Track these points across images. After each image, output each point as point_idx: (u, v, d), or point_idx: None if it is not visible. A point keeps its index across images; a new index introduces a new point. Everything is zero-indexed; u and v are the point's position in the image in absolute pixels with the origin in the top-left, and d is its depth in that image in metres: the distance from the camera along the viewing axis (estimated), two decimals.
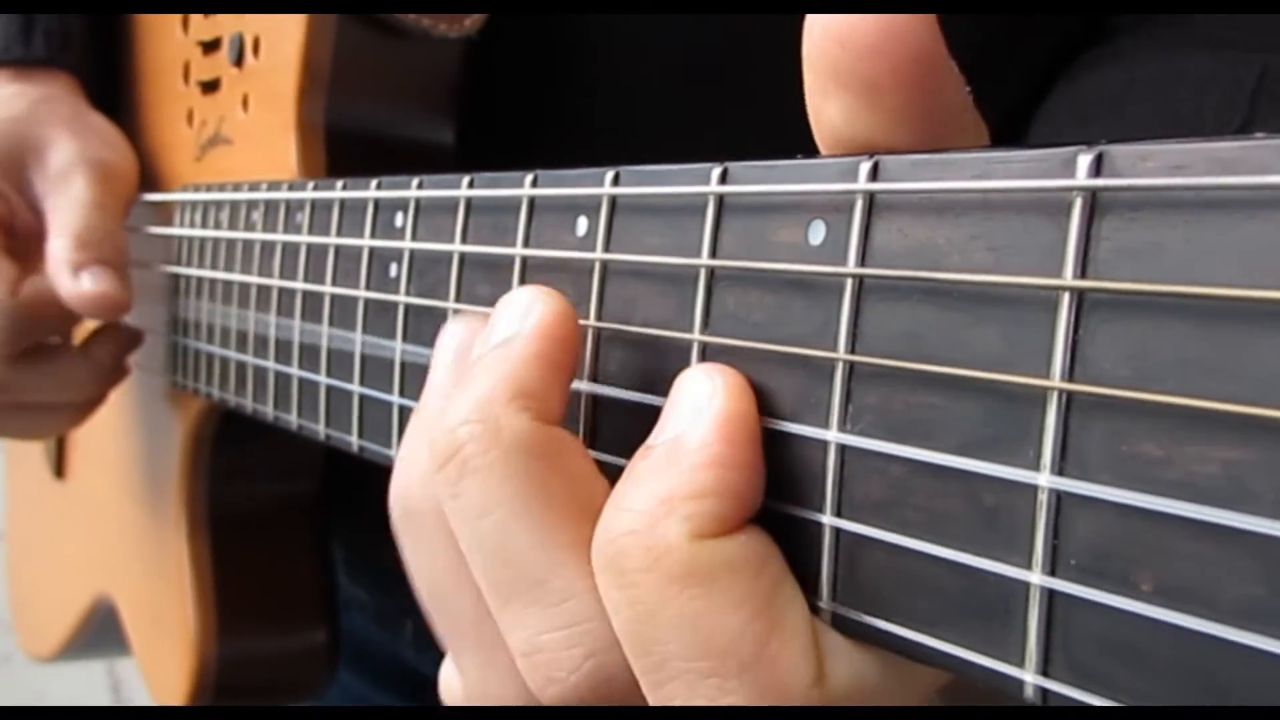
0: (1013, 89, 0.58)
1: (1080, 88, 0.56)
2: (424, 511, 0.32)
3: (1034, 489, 0.21)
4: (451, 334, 0.34)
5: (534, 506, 0.28)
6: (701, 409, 0.26)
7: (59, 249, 0.61)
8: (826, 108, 0.25)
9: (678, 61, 0.58)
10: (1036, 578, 0.21)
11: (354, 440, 0.45)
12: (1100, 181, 0.20)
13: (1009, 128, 0.56)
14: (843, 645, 0.26)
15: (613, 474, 0.28)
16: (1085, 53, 0.57)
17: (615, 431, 0.32)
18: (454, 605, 0.33)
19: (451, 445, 0.29)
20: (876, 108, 0.24)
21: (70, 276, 0.60)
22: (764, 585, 0.25)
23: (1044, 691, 0.21)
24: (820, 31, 0.25)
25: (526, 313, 0.30)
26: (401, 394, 0.42)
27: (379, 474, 0.43)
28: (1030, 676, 0.21)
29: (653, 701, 0.27)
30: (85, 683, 2.06)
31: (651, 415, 0.28)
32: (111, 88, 0.74)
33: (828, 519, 0.25)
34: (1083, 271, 0.20)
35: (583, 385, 0.32)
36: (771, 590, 0.25)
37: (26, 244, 0.67)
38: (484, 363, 0.30)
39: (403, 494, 0.33)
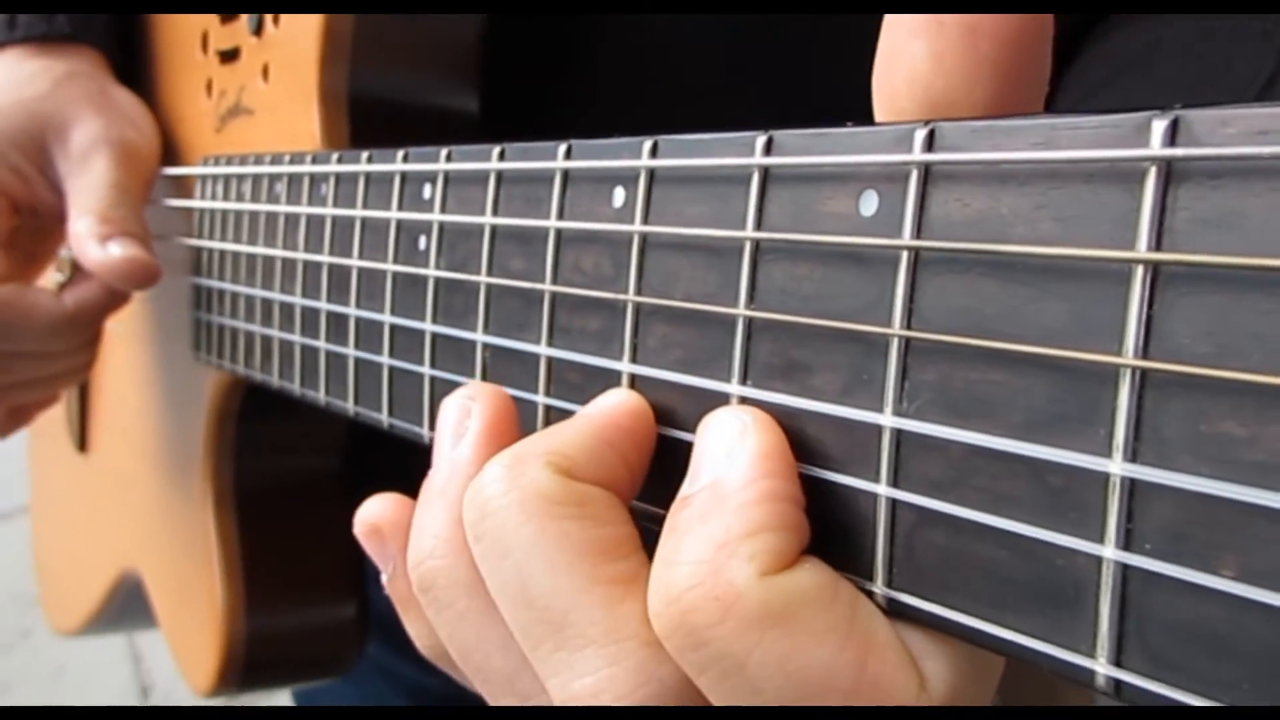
0: None
1: (1108, 47, 0.55)
2: (443, 570, 0.32)
3: (1105, 470, 0.20)
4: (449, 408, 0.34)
5: (549, 549, 0.28)
6: (735, 449, 0.26)
7: (83, 227, 0.61)
8: (910, 47, 0.24)
9: (708, 25, 0.57)
10: (1110, 554, 0.20)
11: (384, 418, 0.44)
12: (1178, 151, 0.19)
13: None
14: (929, 645, 0.25)
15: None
16: (1111, 14, 0.56)
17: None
18: (487, 664, 0.32)
19: (476, 492, 0.29)
20: (969, 53, 0.23)
21: (98, 247, 0.60)
22: (842, 609, 0.24)
23: (1117, 683, 0.20)
24: None
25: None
26: (433, 367, 0.41)
27: (403, 441, 0.43)
28: (1102, 667, 0.20)
29: None
30: (105, 655, 2.07)
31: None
32: (131, 59, 0.73)
33: (884, 492, 0.24)
34: (1158, 243, 0.19)
35: (623, 365, 0.32)
36: (851, 612, 0.24)
37: (47, 223, 0.66)
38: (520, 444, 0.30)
39: (420, 560, 0.33)
